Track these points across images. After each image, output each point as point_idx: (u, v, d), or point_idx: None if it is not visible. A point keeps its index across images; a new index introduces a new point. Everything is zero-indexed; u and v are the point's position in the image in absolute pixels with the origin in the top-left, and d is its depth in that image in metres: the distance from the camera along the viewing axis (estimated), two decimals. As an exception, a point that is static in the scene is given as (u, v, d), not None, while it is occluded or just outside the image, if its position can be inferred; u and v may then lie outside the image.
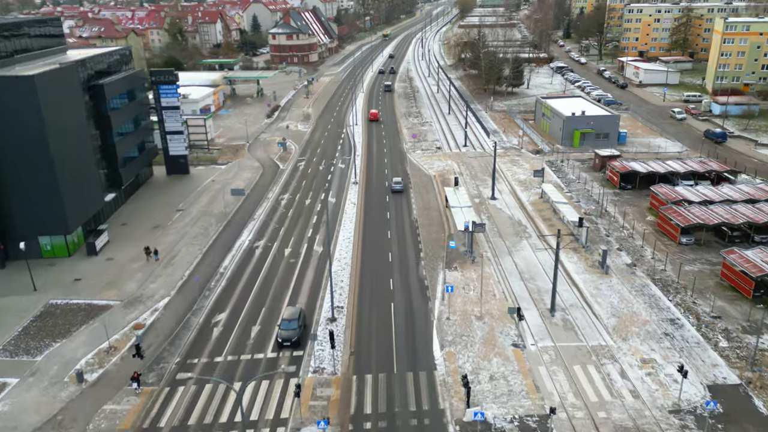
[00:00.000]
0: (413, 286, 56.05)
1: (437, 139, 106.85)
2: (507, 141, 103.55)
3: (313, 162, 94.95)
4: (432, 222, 70.49)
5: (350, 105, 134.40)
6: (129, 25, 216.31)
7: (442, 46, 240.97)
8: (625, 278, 55.99)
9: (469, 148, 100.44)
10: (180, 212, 74.33)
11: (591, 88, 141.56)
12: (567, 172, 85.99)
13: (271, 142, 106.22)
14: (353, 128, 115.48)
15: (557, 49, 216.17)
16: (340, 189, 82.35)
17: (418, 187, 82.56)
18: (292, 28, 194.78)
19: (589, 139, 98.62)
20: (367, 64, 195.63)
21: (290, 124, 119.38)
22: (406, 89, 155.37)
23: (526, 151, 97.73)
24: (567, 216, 66.39)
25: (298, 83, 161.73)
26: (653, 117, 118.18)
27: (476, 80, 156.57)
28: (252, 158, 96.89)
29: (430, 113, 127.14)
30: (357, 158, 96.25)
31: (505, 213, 72.67)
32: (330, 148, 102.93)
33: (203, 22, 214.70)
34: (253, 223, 71.18)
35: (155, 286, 56.04)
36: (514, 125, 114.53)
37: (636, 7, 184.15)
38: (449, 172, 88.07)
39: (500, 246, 63.59)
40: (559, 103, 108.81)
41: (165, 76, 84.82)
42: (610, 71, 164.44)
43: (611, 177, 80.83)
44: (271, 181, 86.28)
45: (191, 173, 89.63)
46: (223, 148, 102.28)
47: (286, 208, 75.75)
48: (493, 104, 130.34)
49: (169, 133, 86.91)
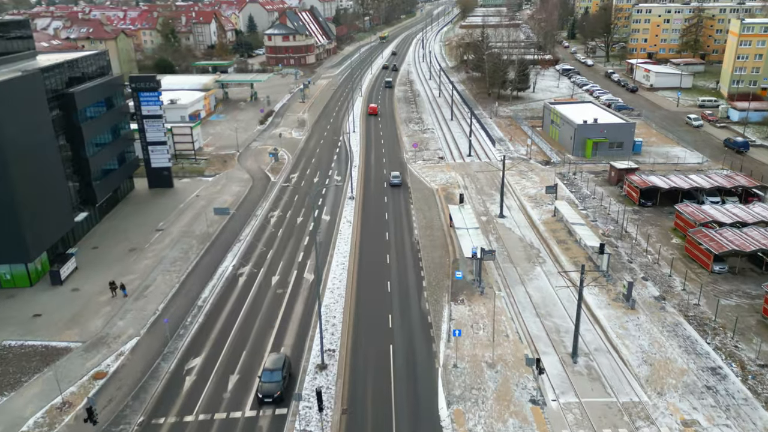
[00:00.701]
0: (415, 323, 49.65)
1: (439, 148, 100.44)
2: (514, 150, 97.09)
3: (306, 174, 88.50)
4: (435, 244, 64.09)
5: (348, 110, 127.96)
6: (121, 25, 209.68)
7: (443, 47, 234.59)
8: (654, 315, 49.56)
9: (474, 159, 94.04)
10: (159, 232, 67.92)
11: (600, 92, 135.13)
12: (581, 186, 79.52)
13: (263, 151, 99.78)
14: (350, 135, 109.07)
15: (562, 51, 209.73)
16: (335, 205, 75.96)
17: (419, 202, 76.15)
18: (289, 29, 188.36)
19: (602, 148, 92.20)
20: (366, 65, 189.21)
21: (284, 131, 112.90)
22: (407, 93, 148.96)
23: (535, 161, 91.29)
24: (584, 239, 59.93)
25: (294, 87, 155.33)
26: (667, 124, 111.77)
27: (479, 83, 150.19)
28: (241, 169, 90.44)
29: (431, 119, 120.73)
30: (354, 169, 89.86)
31: (515, 234, 66.24)
32: (325, 157, 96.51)
33: (197, 22, 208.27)
34: (238, 245, 64.75)
35: (123, 324, 49.62)
36: (521, 133, 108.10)
37: (645, 7, 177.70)
38: (453, 185, 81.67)
39: (511, 273, 57.17)
40: (568, 109, 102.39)
41: (146, 83, 78.38)
42: (619, 74, 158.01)
43: (629, 192, 74.40)
44: (260, 195, 79.84)
45: (175, 186, 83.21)
46: (212, 158, 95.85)
47: (275, 227, 69.32)
48: (498, 110, 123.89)
49: (151, 143, 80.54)
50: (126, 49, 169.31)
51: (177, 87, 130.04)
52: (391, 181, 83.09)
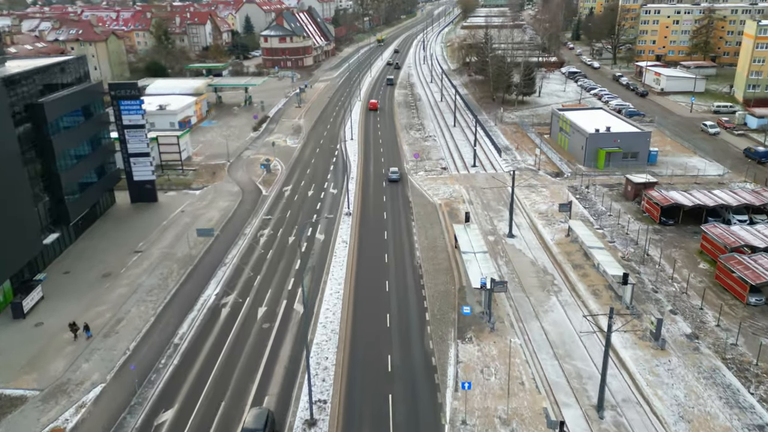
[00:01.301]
0: (417, 366, 44.03)
1: (442, 157, 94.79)
2: (521, 160, 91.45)
3: (301, 186, 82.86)
4: (439, 268, 58.46)
5: (345, 115, 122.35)
6: (113, 26, 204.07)
7: (444, 49, 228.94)
8: (687, 357, 43.95)
9: (479, 170, 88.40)
10: (138, 254, 62.29)
11: (609, 96, 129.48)
12: (595, 202, 73.86)
13: (255, 160, 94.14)
14: (348, 143, 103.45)
15: (567, 52, 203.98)
16: (330, 222, 70.32)
17: (421, 219, 70.53)
18: (286, 30, 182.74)
19: (615, 159, 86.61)
20: (365, 68, 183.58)
21: (278, 138, 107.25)
22: (407, 97, 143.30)
23: (544, 173, 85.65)
24: (604, 265, 54.29)
25: (291, 90, 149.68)
26: (682, 131, 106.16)
27: (483, 87, 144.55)
28: (231, 181, 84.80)
29: (433, 126, 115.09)
30: (351, 181, 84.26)
31: (527, 256, 60.60)
32: (321, 168, 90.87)
33: (192, 23, 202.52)
34: (223, 269, 59.11)
35: (88, 367, 44.00)
36: (528, 141, 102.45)
37: (653, 7, 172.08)
38: (457, 200, 76.06)
39: (524, 305, 51.54)
40: (578, 116, 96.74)
41: (126, 90, 72.77)
42: (627, 77, 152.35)
43: (648, 209, 68.73)
44: (250, 211, 74.21)
45: (160, 201, 77.58)
46: (200, 168, 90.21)
47: (265, 248, 63.67)
48: (503, 115, 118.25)
49: (133, 155, 74.94)
50: (117, 51, 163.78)
51: (167, 91, 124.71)
52: (390, 176, 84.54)
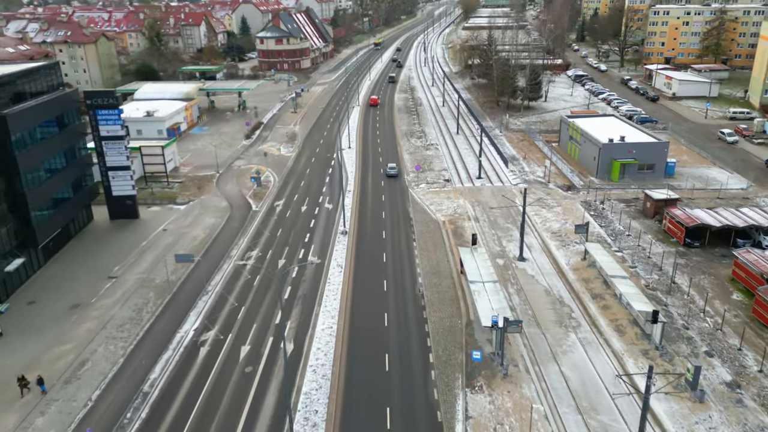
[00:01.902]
0: (421, 422, 38.37)
1: (445, 168, 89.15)
2: (530, 172, 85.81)
3: (294, 201, 77.21)
4: (443, 298, 52.83)
5: (343, 121, 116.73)
6: (105, 27, 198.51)
7: (446, 51, 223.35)
8: (730, 411, 38.30)
9: (485, 182, 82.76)
10: (112, 281, 56.67)
11: (618, 101, 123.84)
12: (611, 220, 68.19)
13: (246, 171, 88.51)
14: (345, 152, 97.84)
15: (572, 54, 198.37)
16: (324, 242, 64.70)
17: (423, 239, 64.90)
18: (282, 32, 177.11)
19: (630, 171, 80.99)
20: (364, 71, 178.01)
21: (271, 147, 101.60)
22: (408, 101, 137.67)
23: (555, 186, 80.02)
24: (627, 298, 48.65)
25: (287, 94, 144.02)
26: (697, 139, 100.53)
27: (486, 90, 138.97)
28: (219, 195, 79.15)
29: (435, 133, 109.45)
30: (348, 194, 78.64)
31: (540, 284, 54.95)
32: (316, 180, 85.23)
33: (186, 24, 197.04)
34: (205, 298, 53.46)
35: (42, 423, 38.35)
36: (536, 149, 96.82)
37: (662, 8, 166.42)
38: (462, 216, 70.41)
39: (540, 344, 45.90)
40: (589, 124, 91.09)
41: (104, 99, 67.14)
42: (636, 80, 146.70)
43: (671, 230, 63.06)
44: (238, 229, 68.54)
45: (141, 217, 71.97)
46: (187, 180, 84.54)
47: (251, 274, 58.00)
48: (509, 122, 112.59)
49: (112, 168, 69.34)
50: (107, 53, 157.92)
51: (156, 96, 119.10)
52: (388, 172, 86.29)
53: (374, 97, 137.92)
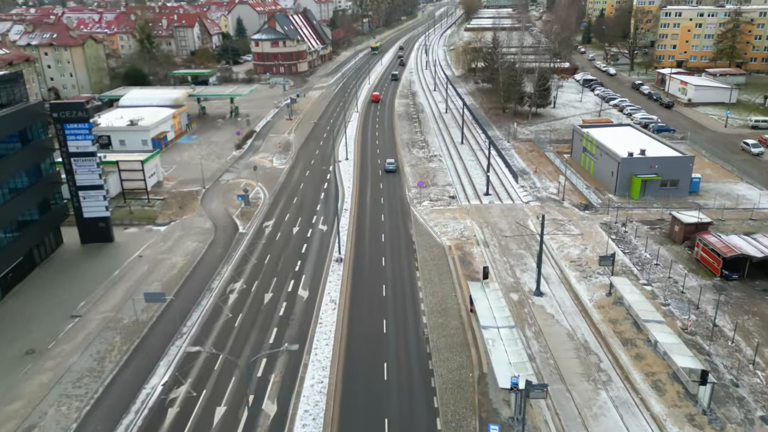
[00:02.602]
0: None
1: (450, 183, 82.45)
2: (542, 188, 79.13)
3: (285, 221, 70.52)
4: (451, 342, 46.17)
5: (341, 129, 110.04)
6: (96, 29, 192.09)
7: (447, 53, 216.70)
8: (802, 502, 31.67)
9: (493, 199, 76.09)
10: (75, 320, 50.01)
11: (632, 108, 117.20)
12: (636, 245, 61.47)
13: (234, 186, 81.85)
14: (342, 164, 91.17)
15: (578, 57, 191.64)
16: (316, 271, 58.02)
17: (427, 267, 58.23)
18: (278, 34, 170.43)
19: (652, 188, 74.34)
20: (363, 74, 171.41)
21: (263, 159, 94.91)
22: (409, 107, 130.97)
23: (570, 204, 73.34)
24: (665, 348, 41.93)
25: (282, 99, 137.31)
26: (719, 150, 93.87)
27: (491, 96, 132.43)
28: (204, 215, 72.44)
29: (438, 142, 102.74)
30: (344, 213, 72.01)
31: (562, 325, 48.27)
32: (310, 196, 78.55)
33: (179, 26, 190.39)
34: (178, 343, 46.81)
35: None
36: (547, 162, 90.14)
37: (673, 9, 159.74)
38: (470, 240, 63.73)
39: (566, 405, 39.18)
40: (605, 135, 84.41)
41: (72, 111, 60.46)
42: (648, 85, 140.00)
43: (706, 260, 56.34)
44: (222, 255, 61.84)
45: (116, 241, 65.28)
46: (170, 197, 77.85)
47: (233, 312, 51.32)
48: (517, 131, 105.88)
49: (82, 188, 62.68)
50: (95, 56, 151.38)
51: (143, 102, 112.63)
52: (386, 167, 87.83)
53: (376, 93, 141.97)
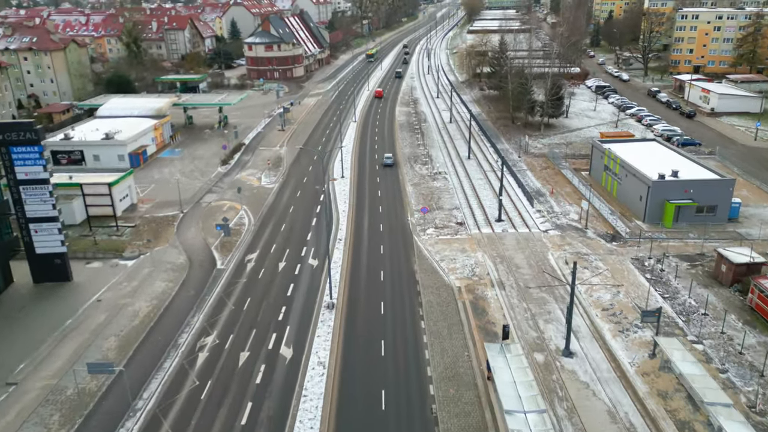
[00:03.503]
0: None
1: (457, 206, 73.78)
2: (561, 213, 70.47)
3: (270, 254, 61.85)
4: (466, 425, 37.49)
5: (337, 142, 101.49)
6: (83, 32, 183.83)
7: (450, 57, 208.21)
8: None
9: (506, 226, 67.44)
10: (10, 389, 41.36)
11: (651, 118, 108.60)
12: (676, 288, 52.77)
13: (216, 210, 73.28)
14: (338, 183, 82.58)
15: (587, 61, 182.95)
16: (303, 322, 49.37)
17: (434, 315, 49.62)
18: (273, 37, 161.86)
19: (686, 214, 65.76)
20: (361, 80, 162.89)
21: (250, 176, 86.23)
22: (410, 116, 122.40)
23: (595, 234, 64.65)
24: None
25: (275, 108, 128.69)
26: (752, 167, 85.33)
27: (498, 104, 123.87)
28: (178, 246, 63.72)
29: (443, 157, 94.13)
30: (338, 245, 63.39)
31: (600, 399, 39.55)
32: (300, 222, 69.90)
33: (170, 28, 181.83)
34: (129, 425, 38.10)
35: None
36: (563, 180, 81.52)
37: (690, 12, 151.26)
38: (482, 280, 55.08)
39: None
40: (629, 152, 75.85)
41: (20, 133, 51.86)
42: (666, 92, 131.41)
43: (763, 309, 47.65)
44: (194, 300, 53.13)
45: (74, 280, 56.66)
46: (143, 223, 69.26)
47: (201, 377, 42.62)
48: (528, 145, 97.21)
49: (33, 220, 54.06)
50: (78, 61, 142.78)
51: (123, 112, 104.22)
52: (384, 161, 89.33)
53: (379, 90, 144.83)
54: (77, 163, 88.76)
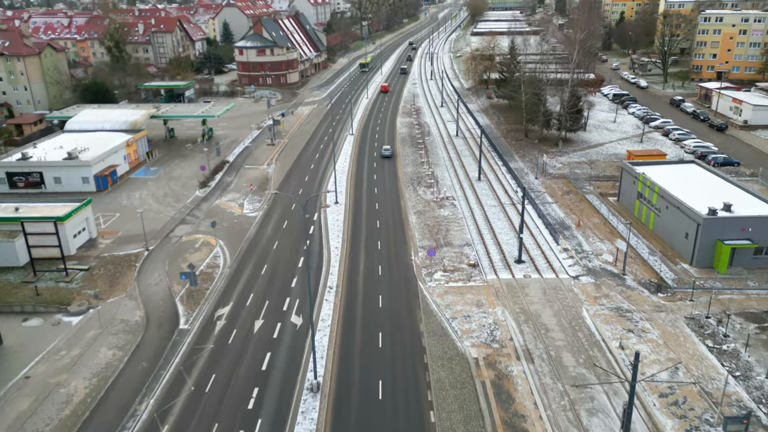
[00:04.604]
0: None
1: (468, 242, 63.18)
2: (591, 252, 59.89)
3: (246, 308, 51.28)
4: None
5: (331, 160, 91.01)
6: (65, 35, 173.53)
7: (454, 60, 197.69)
8: None
9: (528, 268, 56.91)
10: None
11: (680, 132, 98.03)
12: (750, 363, 42.20)
13: (188, 246, 62.82)
14: (331, 211, 72.08)
15: (600, 66, 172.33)
16: (279, 414, 38.86)
17: (447, 401, 39.11)
18: (265, 41, 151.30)
19: (743, 256, 55.30)
20: (360, 86, 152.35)
21: (231, 202, 75.63)
22: (413, 129, 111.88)
23: (635, 282, 54.09)
24: None
25: (266, 118, 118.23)
26: (803, 191, 74.73)
27: (509, 115, 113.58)
28: (136, 297, 53.19)
29: (449, 178, 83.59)
30: (328, 295, 52.89)
31: None
32: (285, 264, 59.33)
33: (158, 30, 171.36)
34: None
35: None
36: (590, 208, 70.98)
37: (714, 14, 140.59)
38: (504, 349, 44.54)
39: None
40: (667, 177, 65.43)
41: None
42: (690, 101, 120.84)
43: None
44: (146, 376, 42.58)
45: (3, 345, 46.23)
46: (100, 264, 58.76)
47: (141, 502, 32.18)
48: (546, 164, 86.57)
49: (-53, 275, 43.59)
50: (54, 67, 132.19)
51: (94, 126, 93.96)
52: (382, 153, 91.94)
53: (385, 84, 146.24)
54: (36, 186, 78.56)
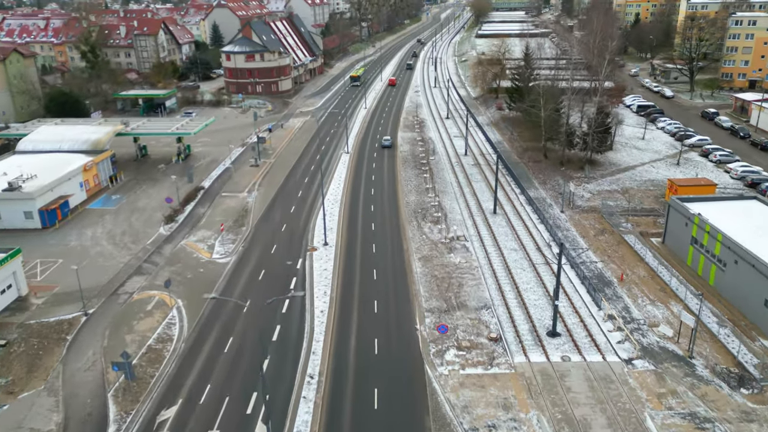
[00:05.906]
0: None
1: (486, 303, 50.69)
2: (643, 320, 47.47)
3: (197, 412, 38.88)
4: None
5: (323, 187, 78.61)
6: (41, 38, 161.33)
7: (459, 65, 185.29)
8: None
9: (566, 345, 44.52)
10: None
11: (722, 153, 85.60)
12: None
13: (137, 309, 50.46)
14: (319, 253, 59.72)
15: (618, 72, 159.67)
16: None
17: None
18: (255, 45, 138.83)
19: (844, 333, 42.83)
20: (358, 94, 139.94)
21: (198, 244, 63.11)
22: (416, 145, 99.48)
23: (707, 370, 41.64)
24: None
25: (253, 132, 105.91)
26: None
27: (524, 130, 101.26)
28: (57, 389, 40.77)
29: (459, 209, 71.19)
30: (307, 390, 40.55)
31: None
32: (255, 335, 46.91)
33: (140, 33, 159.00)
34: None
35: None
36: (631, 255, 58.56)
37: (746, 17, 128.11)
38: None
39: None
40: (730, 221, 53.05)
41: None
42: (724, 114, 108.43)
43: None
44: None
45: None
46: (20, 337, 46.37)
47: None
48: (573, 195, 74.01)
49: None
50: (22, 74, 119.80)
51: (50, 146, 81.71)
52: (382, 143, 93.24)
53: (392, 78, 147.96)
54: (-30, 221, 66.25)
